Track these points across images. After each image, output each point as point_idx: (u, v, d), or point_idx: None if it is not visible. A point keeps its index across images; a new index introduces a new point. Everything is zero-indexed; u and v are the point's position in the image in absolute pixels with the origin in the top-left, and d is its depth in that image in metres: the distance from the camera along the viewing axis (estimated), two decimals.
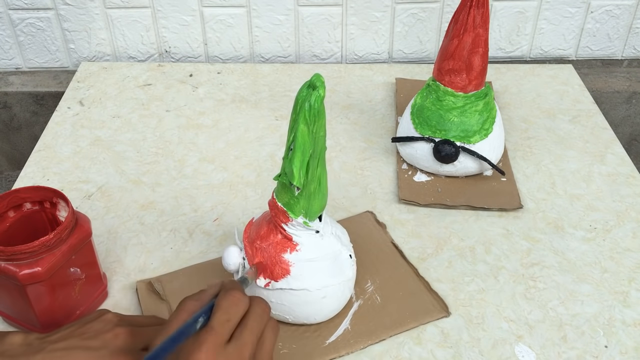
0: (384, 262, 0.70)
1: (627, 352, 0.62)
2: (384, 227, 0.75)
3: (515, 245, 0.74)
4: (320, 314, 0.62)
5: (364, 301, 0.66)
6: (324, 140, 0.55)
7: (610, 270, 0.70)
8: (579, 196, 0.81)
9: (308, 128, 0.52)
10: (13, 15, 1.06)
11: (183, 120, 0.94)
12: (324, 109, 0.52)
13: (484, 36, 0.76)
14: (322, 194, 0.58)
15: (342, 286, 0.62)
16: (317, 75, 0.51)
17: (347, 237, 0.66)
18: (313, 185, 0.56)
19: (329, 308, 0.63)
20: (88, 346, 0.50)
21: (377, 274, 0.69)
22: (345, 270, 0.62)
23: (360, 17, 1.07)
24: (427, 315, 0.65)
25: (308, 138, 0.53)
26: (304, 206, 0.57)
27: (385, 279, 0.69)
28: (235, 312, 0.48)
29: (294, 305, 0.61)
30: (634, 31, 1.11)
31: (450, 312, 0.65)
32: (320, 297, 0.61)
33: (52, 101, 1.06)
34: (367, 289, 0.67)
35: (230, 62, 1.11)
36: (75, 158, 0.86)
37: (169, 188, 0.81)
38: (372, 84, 1.03)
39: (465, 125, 0.79)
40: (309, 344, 0.62)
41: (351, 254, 0.64)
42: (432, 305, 0.66)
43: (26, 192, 0.62)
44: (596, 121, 0.95)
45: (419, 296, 0.67)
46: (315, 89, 0.51)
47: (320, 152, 0.55)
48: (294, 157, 0.53)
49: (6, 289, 0.59)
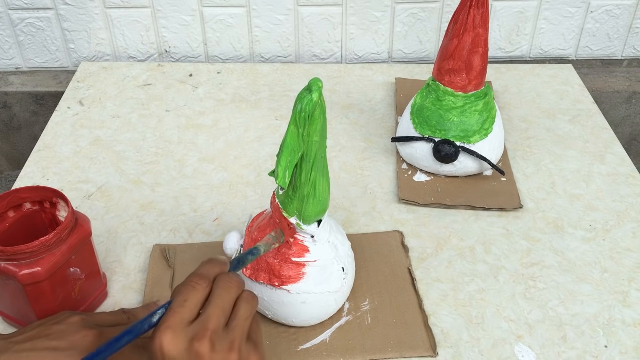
0: (391, 285, 0.68)
1: (627, 352, 0.62)
2: (407, 250, 0.72)
3: (515, 245, 0.74)
4: (298, 318, 0.62)
5: (354, 318, 0.64)
6: (321, 147, 0.54)
7: (610, 270, 0.70)
8: (579, 196, 0.81)
9: (298, 130, 0.52)
10: (13, 15, 1.06)
11: (183, 120, 0.94)
12: (320, 115, 0.51)
13: (484, 36, 0.76)
14: (318, 200, 0.57)
15: (325, 297, 0.61)
16: (316, 79, 0.50)
17: (348, 250, 0.64)
18: (307, 189, 0.56)
19: (308, 315, 0.62)
20: (56, 347, 0.51)
21: (379, 295, 0.67)
22: (333, 282, 0.61)
23: (360, 17, 1.07)
24: (412, 350, 0.61)
25: (297, 139, 0.52)
26: (297, 208, 0.57)
27: (385, 302, 0.66)
28: (193, 293, 0.47)
29: (273, 303, 0.61)
30: (634, 31, 1.11)
31: (437, 354, 0.61)
32: (300, 301, 0.60)
33: (52, 101, 1.06)
34: (362, 307, 0.65)
35: (230, 62, 1.11)
36: (75, 158, 0.86)
37: (169, 188, 0.81)
38: (372, 84, 1.03)
39: (465, 125, 0.79)
40: (282, 344, 0.62)
41: (344, 267, 0.62)
42: (422, 341, 0.62)
43: (26, 192, 0.62)
44: (596, 121, 0.95)
45: (412, 328, 0.63)
46: (311, 92, 0.50)
47: (315, 157, 0.54)
48: (281, 157, 0.53)
49: (6, 289, 0.59)
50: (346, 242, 0.65)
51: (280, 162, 0.53)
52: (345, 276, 0.62)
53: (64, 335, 0.52)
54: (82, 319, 0.54)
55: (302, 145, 0.52)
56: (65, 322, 0.53)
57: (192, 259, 0.69)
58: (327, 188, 0.58)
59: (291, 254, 0.59)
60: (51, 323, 0.54)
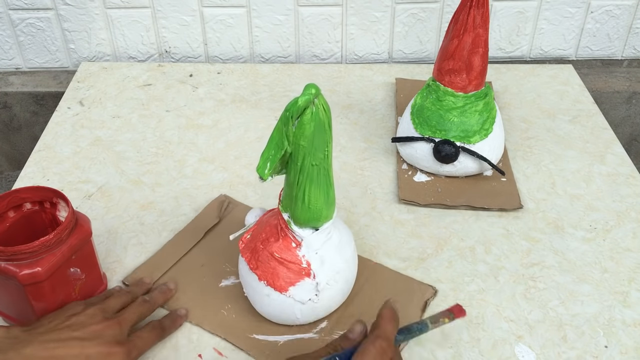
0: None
1: (627, 352, 0.62)
2: (425, 308, 0.66)
3: (515, 245, 0.74)
4: (260, 307, 0.63)
5: (320, 340, 0.62)
6: (310, 154, 0.54)
7: (610, 270, 0.70)
8: (579, 196, 0.81)
9: (282, 127, 0.52)
10: (13, 15, 1.06)
11: (183, 121, 0.94)
12: (310, 122, 0.51)
13: (484, 36, 0.76)
14: (307, 207, 0.57)
15: (289, 302, 0.60)
16: (308, 85, 0.51)
17: (341, 272, 0.61)
18: (295, 191, 0.56)
19: (267, 309, 0.62)
20: (81, 337, 0.54)
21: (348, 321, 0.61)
22: (301, 292, 0.60)
23: (360, 17, 1.07)
24: None
25: (280, 136, 0.53)
26: (289, 205, 0.58)
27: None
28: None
29: (247, 283, 0.63)
30: (634, 31, 1.11)
31: None
32: (264, 293, 0.60)
33: (52, 101, 1.06)
34: (336, 334, 0.62)
35: (230, 62, 1.11)
36: (75, 158, 0.86)
37: (169, 188, 0.81)
38: (372, 84, 1.03)
39: (465, 125, 0.79)
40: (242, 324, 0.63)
41: (321, 284, 0.60)
42: None
43: (26, 192, 0.62)
44: (596, 121, 0.95)
45: None
46: (301, 95, 0.51)
47: (303, 163, 0.54)
48: (265, 148, 0.54)
49: (6, 289, 0.59)
50: (345, 265, 0.62)
51: (264, 152, 0.54)
52: (317, 293, 0.60)
53: (85, 325, 0.55)
54: (99, 309, 0.58)
55: (286, 143, 0.53)
56: (83, 314, 0.56)
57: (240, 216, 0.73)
58: (321, 200, 0.57)
59: (275, 246, 0.60)
60: (68, 315, 0.57)
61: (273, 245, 0.60)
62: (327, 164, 0.56)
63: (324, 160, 0.55)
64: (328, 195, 0.58)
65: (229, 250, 0.70)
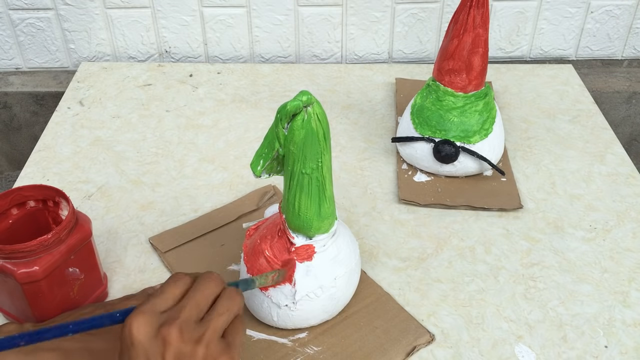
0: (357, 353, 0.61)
1: (627, 352, 0.62)
2: (410, 352, 0.61)
3: (515, 245, 0.73)
4: (246, 301, 0.62)
5: (292, 350, 0.61)
6: (299, 161, 0.53)
7: (610, 270, 0.70)
8: (579, 196, 0.81)
9: (273, 125, 0.53)
10: (13, 15, 1.06)
11: (183, 121, 0.94)
12: (301, 130, 0.51)
13: (484, 36, 0.76)
14: (297, 215, 0.56)
15: (266, 303, 0.60)
16: (302, 91, 0.50)
17: (319, 287, 0.60)
18: (288, 195, 0.56)
19: (248, 302, 0.62)
20: (106, 348, 0.52)
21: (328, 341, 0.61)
22: (279, 296, 0.59)
23: (360, 17, 1.07)
24: None
25: (271, 135, 0.53)
26: (284, 207, 0.58)
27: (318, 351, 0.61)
28: (173, 286, 0.47)
29: (241, 272, 0.63)
30: (634, 31, 1.11)
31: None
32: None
33: (52, 101, 1.06)
34: (307, 350, 0.61)
35: (230, 62, 1.11)
36: (75, 158, 0.86)
37: (169, 188, 0.81)
38: (372, 84, 1.03)
39: (465, 125, 0.79)
40: None
41: (295, 302, 0.59)
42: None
43: (29, 190, 0.62)
44: (596, 121, 0.95)
45: None
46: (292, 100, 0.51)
47: (293, 169, 0.54)
48: (260, 145, 0.55)
49: (5, 287, 0.59)
50: (333, 283, 0.60)
51: (258, 149, 0.55)
52: (294, 302, 0.59)
53: (110, 331, 0.52)
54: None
55: (277, 144, 0.53)
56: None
57: None
58: (312, 210, 0.56)
59: (268, 244, 0.60)
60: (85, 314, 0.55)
61: (267, 243, 0.60)
62: (320, 175, 0.55)
63: (316, 170, 0.54)
64: (320, 207, 0.56)
65: None
